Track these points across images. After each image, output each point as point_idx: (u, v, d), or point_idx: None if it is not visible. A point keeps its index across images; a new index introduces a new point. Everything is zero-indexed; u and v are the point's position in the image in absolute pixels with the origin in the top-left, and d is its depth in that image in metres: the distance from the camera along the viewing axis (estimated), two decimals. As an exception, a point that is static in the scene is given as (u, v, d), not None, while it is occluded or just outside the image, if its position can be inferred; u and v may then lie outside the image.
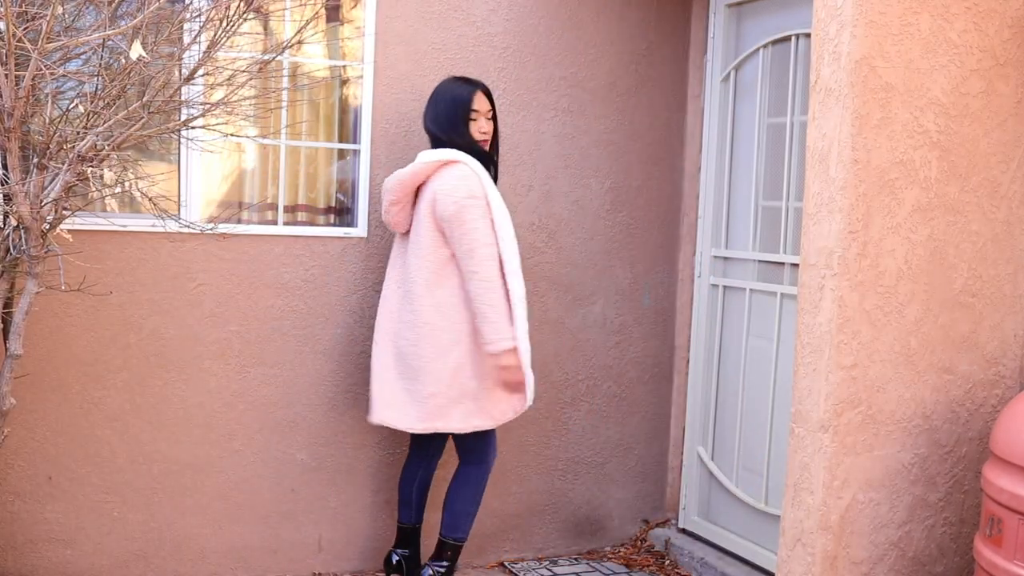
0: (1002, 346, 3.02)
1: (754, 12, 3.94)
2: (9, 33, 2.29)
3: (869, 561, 2.88)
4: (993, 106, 2.91)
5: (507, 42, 3.87)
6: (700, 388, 4.15)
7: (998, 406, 3.02)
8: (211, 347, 3.55)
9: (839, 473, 2.80)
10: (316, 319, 3.69)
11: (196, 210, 3.55)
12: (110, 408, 3.45)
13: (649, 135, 4.13)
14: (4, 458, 3.32)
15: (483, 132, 3.43)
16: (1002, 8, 2.89)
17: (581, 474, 4.14)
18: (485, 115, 3.44)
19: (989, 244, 2.96)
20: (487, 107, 3.45)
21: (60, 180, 2.57)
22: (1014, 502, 2.53)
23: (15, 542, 3.38)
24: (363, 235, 3.73)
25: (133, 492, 3.51)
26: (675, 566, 4.04)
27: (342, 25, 3.83)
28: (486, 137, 3.45)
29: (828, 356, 2.77)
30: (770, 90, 3.79)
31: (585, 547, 4.19)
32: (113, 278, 3.40)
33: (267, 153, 3.76)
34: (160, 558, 3.56)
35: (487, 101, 3.45)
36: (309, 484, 3.73)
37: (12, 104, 2.41)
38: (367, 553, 3.84)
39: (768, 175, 3.80)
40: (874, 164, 2.76)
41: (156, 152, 3.66)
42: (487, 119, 3.45)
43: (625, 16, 4.06)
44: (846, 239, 2.75)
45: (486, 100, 3.45)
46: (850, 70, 2.71)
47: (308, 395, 3.70)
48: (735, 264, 3.99)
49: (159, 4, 2.48)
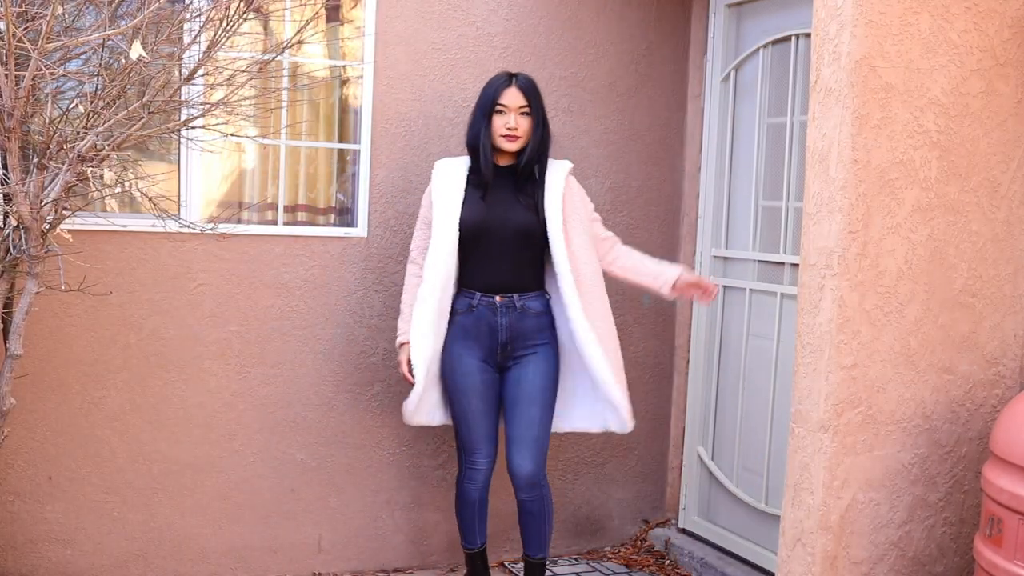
0: (1002, 346, 3.01)
1: (754, 12, 3.94)
2: (9, 33, 2.29)
3: (869, 561, 2.87)
4: (993, 106, 2.91)
5: (507, 42, 3.87)
6: (700, 388, 4.15)
7: (998, 406, 3.02)
8: (211, 347, 3.55)
9: (839, 473, 2.80)
10: (316, 319, 3.69)
11: (196, 210, 3.55)
12: (110, 408, 3.46)
13: (649, 135, 4.13)
14: (4, 458, 3.32)
15: (509, 128, 3.28)
16: (1002, 8, 2.89)
17: (581, 474, 4.14)
18: (516, 111, 3.28)
19: (989, 244, 2.96)
20: (519, 103, 3.28)
21: (60, 180, 2.57)
22: (1014, 502, 2.53)
23: (15, 542, 3.38)
24: (363, 235, 3.73)
25: (133, 492, 3.51)
26: (675, 566, 4.04)
27: (342, 25, 3.82)
28: (511, 133, 3.28)
29: (828, 356, 2.77)
30: (770, 90, 3.79)
31: (585, 547, 4.19)
32: (113, 278, 3.40)
33: (267, 153, 3.76)
34: (160, 558, 3.56)
35: (521, 96, 3.29)
36: (309, 484, 3.73)
37: (12, 104, 2.41)
38: (367, 553, 3.84)
39: (768, 175, 3.80)
40: (874, 164, 2.76)
41: (156, 152, 3.66)
42: (520, 114, 3.28)
43: (625, 16, 4.06)
44: (846, 239, 2.75)
45: (519, 95, 3.29)
46: (850, 70, 2.71)
47: (308, 395, 3.70)
48: (735, 264, 3.99)
49: (159, 4, 2.48)
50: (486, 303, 3.32)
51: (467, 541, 3.50)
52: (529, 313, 3.35)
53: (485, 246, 3.31)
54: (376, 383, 3.79)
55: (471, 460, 3.39)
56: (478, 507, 3.45)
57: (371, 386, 3.78)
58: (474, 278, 3.34)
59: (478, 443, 3.37)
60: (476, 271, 3.33)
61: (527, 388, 3.34)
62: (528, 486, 3.35)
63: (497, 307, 3.32)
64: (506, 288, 3.33)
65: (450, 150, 3.80)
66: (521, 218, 3.32)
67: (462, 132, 3.81)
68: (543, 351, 3.37)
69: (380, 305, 3.77)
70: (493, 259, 3.32)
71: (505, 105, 3.28)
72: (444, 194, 3.33)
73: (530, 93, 3.31)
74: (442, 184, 3.36)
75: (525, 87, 3.31)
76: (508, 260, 3.33)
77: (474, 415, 3.35)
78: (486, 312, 3.32)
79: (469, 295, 3.34)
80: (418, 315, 3.30)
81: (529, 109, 3.30)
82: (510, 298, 3.33)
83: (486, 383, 3.35)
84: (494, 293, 3.32)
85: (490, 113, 3.30)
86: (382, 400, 3.80)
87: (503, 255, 3.33)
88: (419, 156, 3.78)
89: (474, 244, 3.31)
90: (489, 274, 3.33)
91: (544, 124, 3.35)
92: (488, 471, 3.41)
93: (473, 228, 3.30)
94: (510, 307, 3.33)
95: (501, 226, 3.31)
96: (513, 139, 3.29)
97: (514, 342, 3.34)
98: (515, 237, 3.32)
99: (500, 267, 3.33)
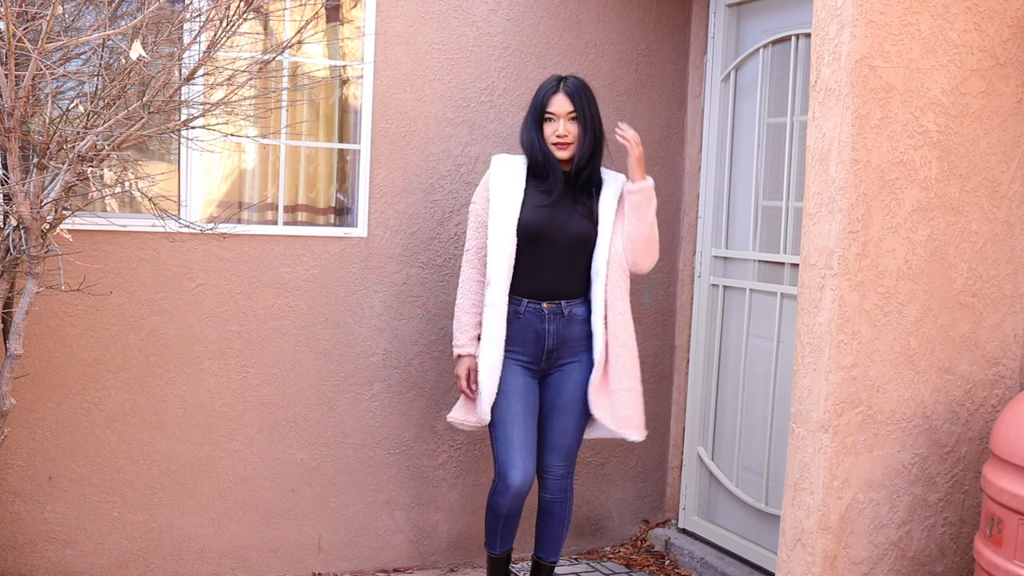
0: (1002, 346, 3.01)
1: (754, 12, 3.94)
2: (9, 33, 2.29)
3: (869, 561, 2.87)
4: (993, 106, 2.91)
5: (507, 42, 3.87)
6: (700, 388, 4.15)
7: (998, 406, 3.02)
8: (211, 347, 3.55)
9: (839, 473, 2.80)
10: (316, 319, 3.69)
11: (196, 210, 3.55)
12: (110, 408, 3.46)
13: (649, 135, 4.13)
14: (4, 458, 3.32)
15: (559, 136, 3.22)
16: (1002, 8, 2.89)
17: (581, 474, 4.14)
18: (565, 117, 3.21)
19: (989, 244, 2.96)
20: (566, 109, 3.22)
21: (60, 180, 2.57)
22: (1014, 502, 2.53)
23: (15, 542, 3.38)
24: (363, 235, 3.73)
25: (133, 492, 3.51)
26: (675, 566, 4.04)
27: (342, 25, 3.82)
28: (561, 141, 3.22)
29: (828, 356, 2.77)
30: (770, 90, 3.79)
31: (585, 547, 4.19)
32: (113, 278, 3.40)
33: (267, 153, 3.76)
34: (160, 558, 3.56)
35: (568, 102, 3.22)
36: (309, 484, 3.73)
37: (12, 104, 2.41)
38: (367, 553, 3.84)
39: (768, 175, 3.80)
40: (874, 164, 2.76)
41: (156, 152, 3.67)
42: (568, 120, 3.22)
43: (625, 16, 4.06)
44: (846, 239, 2.75)
45: (566, 101, 3.22)
46: (850, 70, 2.71)
47: (308, 395, 3.70)
48: (735, 264, 3.99)
49: (159, 4, 2.48)
50: (533, 309, 3.26)
51: (489, 546, 3.42)
52: (576, 320, 3.29)
53: (540, 251, 3.24)
54: (376, 383, 3.79)
55: (503, 475, 3.22)
56: (505, 520, 3.32)
57: (371, 386, 3.78)
58: (523, 283, 3.26)
59: (513, 455, 3.20)
60: (526, 276, 3.25)
61: (567, 397, 3.30)
62: (557, 488, 3.36)
63: (545, 314, 3.26)
64: (555, 295, 3.27)
65: (450, 150, 3.80)
66: (579, 226, 3.25)
67: (462, 132, 3.82)
68: (584, 359, 3.31)
69: (380, 305, 3.77)
70: (545, 265, 3.25)
71: (553, 112, 3.22)
72: (504, 192, 3.25)
73: (577, 97, 3.22)
74: (500, 182, 3.27)
75: (572, 92, 3.22)
76: (560, 267, 3.26)
77: (513, 419, 3.24)
78: (533, 319, 3.26)
79: (516, 302, 3.26)
80: (489, 320, 3.23)
81: (576, 114, 3.22)
82: (558, 305, 3.27)
83: (528, 387, 3.29)
84: (542, 299, 3.26)
85: (540, 121, 3.25)
86: (382, 400, 3.80)
87: (556, 261, 3.26)
88: (419, 156, 3.78)
89: (528, 247, 3.24)
90: (540, 280, 3.26)
91: (594, 127, 3.25)
92: (520, 489, 3.21)
93: (532, 232, 3.22)
94: (558, 314, 3.27)
95: (559, 232, 3.24)
96: (564, 147, 3.23)
97: (560, 349, 3.29)
98: (571, 244, 3.25)
99: (552, 273, 3.26)
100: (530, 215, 3.23)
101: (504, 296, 3.22)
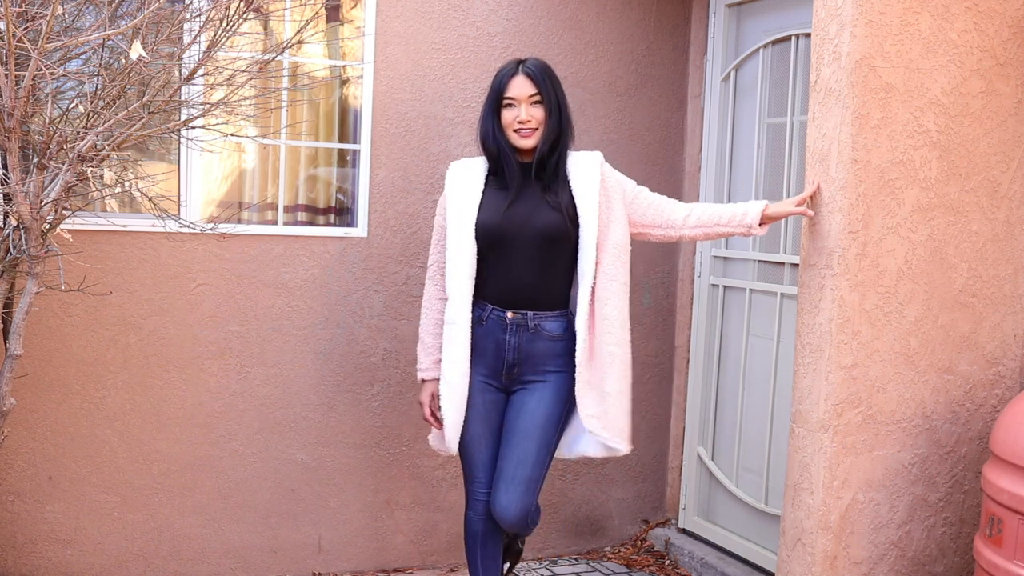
0: (1002, 346, 3.01)
1: (754, 12, 3.94)
2: (9, 33, 2.29)
3: (869, 561, 2.87)
4: (993, 106, 2.91)
5: (507, 42, 3.87)
6: (700, 388, 4.15)
7: (998, 406, 3.02)
8: (211, 347, 3.55)
9: (839, 473, 2.80)
10: (316, 319, 3.69)
11: (196, 210, 3.55)
12: (110, 408, 3.46)
13: (649, 135, 4.13)
14: (4, 458, 3.32)
15: (521, 122, 2.87)
16: (1002, 8, 2.89)
17: (581, 474, 4.14)
18: (527, 101, 2.87)
19: (989, 244, 2.96)
20: (528, 92, 2.88)
21: (60, 180, 2.57)
22: (1014, 502, 2.53)
23: (15, 542, 3.38)
24: (363, 235, 3.73)
25: (133, 492, 3.51)
26: (675, 566, 4.04)
27: (342, 25, 3.83)
28: (523, 127, 2.88)
29: (828, 356, 2.77)
30: (770, 90, 3.79)
31: (585, 547, 4.19)
32: (113, 278, 3.40)
33: (267, 153, 3.76)
34: (160, 558, 3.56)
35: (530, 84, 2.88)
36: (309, 484, 3.73)
37: (12, 104, 2.41)
38: (367, 553, 3.84)
39: (768, 175, 3.80)
40: (874, 164, 2.76)
41: (156, 152, 3.67)
42: (531, 104, 2.88)
43: (625, 16, 4.06)
44: (846, 239, 2.75)
45: (528, 83, 2.88)
46: (850, 70, 2.71)
47: (308, 395, 3.70)
48: (735, 264, 3.99)
49: (159, 4, 2.48)
50: (496, 317, 2.92)
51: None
52: (543, 335, 2.92)
53: (504, 255, 2.90)
54: (376, 383, 3.79)
55: (471, 490, 3.02)
56: (480, 539, 3.02)
57: (371, 386, 3.78)
58: (488, 289, 2.93)
59: (477, 472, 2.99)
60: (491, 281, 2.92)
61: (526, 420, 2.93)
62: (511, 527, 2.98)
63: (508, 324, 2.91)
64: (521, 303, 2.91)
65: (450, 150, 3.80)
66: (546, 220, 2.88)
67: (462, 132, 3.82)
68: (556, 380, 2.94)
69: (380, 305, 3.77)
70: (511, 269, 2.90)
71: (513, 97, 2.89)
72: (459, 198, 2.94)
73: (539, 78, 2.89)
74: (457, 188, 2.96)
75: (533, 72, 2.89)
76: (529, 271, 2.90)
77: (473, 440, 2.97)
78: (495, 327, 2.93)
79: (481, 307, 2.93)
80: (449, 338, 2.91)
81: (540, 97, 2.89)
82: (523, 315, 2.91)
83: (487, 405, 2.97)
84: (507, 308, 2.91)
85: (498, 108, 2.91)
86: (382, 400, 3.80)
87: (523, 264, 2.90)
88: (419, 156, 3.78)
89: (491, 251, 2.91)
90: (504, 286, 2.91)
91: (559, 110, 2.92)
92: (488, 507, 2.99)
93: (490, 233, 2.89)
94: (521, 325, 2.91)
95: (521, 230, 2.88)
96: (528, 134, 2.89)
97: (521, 365, 2.94)
98: (538, 243, 2.88)
99: (518, 278, 2.91)
100: (487, 217, 2.90)
101: (466, 312, 2.89)
